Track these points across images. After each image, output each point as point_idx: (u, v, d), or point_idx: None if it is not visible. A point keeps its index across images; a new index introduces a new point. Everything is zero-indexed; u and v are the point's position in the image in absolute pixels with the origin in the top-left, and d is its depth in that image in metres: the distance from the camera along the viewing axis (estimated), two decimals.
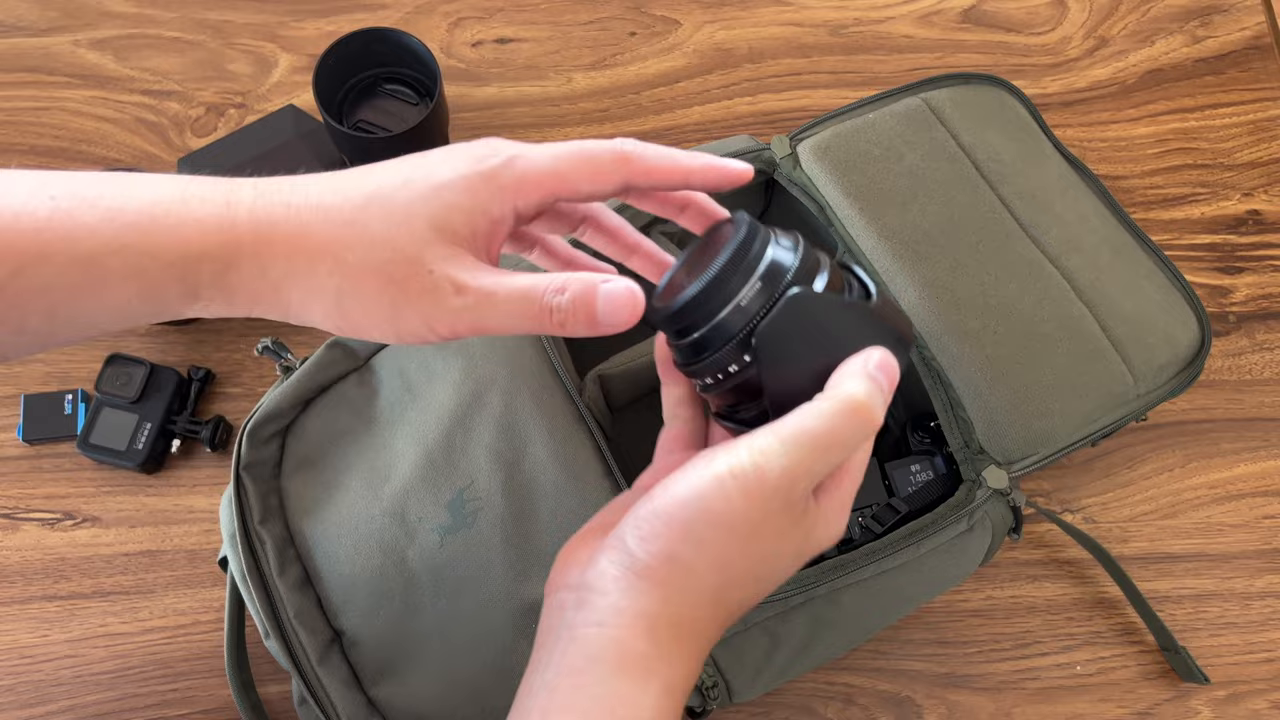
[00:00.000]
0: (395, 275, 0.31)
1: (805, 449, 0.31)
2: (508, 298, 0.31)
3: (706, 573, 0.32)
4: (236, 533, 0.45)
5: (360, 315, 0.31)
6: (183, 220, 0.31)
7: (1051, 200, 0.53)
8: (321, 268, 0.31)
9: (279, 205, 0.32)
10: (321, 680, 0.43)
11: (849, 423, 0.31)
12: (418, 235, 0.31)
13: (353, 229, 0.31)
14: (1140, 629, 0.54)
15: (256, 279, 0.31)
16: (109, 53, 0.64)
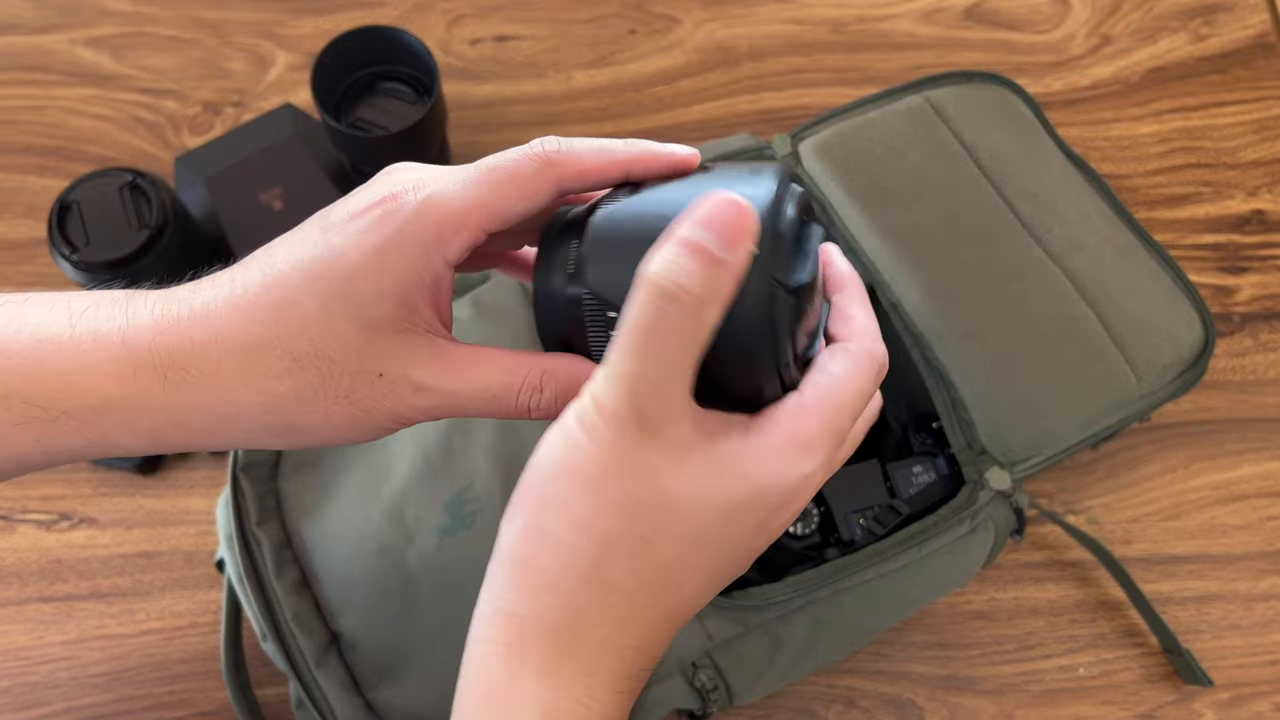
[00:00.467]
0: (341, 389, 0.27)
1: (631, 351, 0.25)
2: (477, 397, 0.28)
3: (572, 538, 0.26)
4: (233, 534, 0.45)
5: (308, 433, 0.28)
6: (74, 365, 0.27)
7: (1054, 199, 0.52)
8: (256, 405, 0.27)
9: (182, 338, 0.27)
10: (319, 682, 0.43)
11: (660, 303, 0.25)
12: (349, 344, 0.27)
13: (272, 353, 0.27)
14: (1143, 631, 0.53)
15: (177, 424, 0.27)
16: (106, 51, 0.64)
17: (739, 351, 0.27)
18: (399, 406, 0.28)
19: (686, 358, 0.26)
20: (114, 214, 0.51)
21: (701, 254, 0.25)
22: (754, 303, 0.27)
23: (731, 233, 0.25)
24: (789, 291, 0.28)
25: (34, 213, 0.60)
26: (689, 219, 0.25)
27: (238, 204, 0.55)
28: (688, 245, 0.25)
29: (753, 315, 0.27)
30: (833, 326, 0.31)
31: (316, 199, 0.56)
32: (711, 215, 0.25)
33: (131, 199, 0.51)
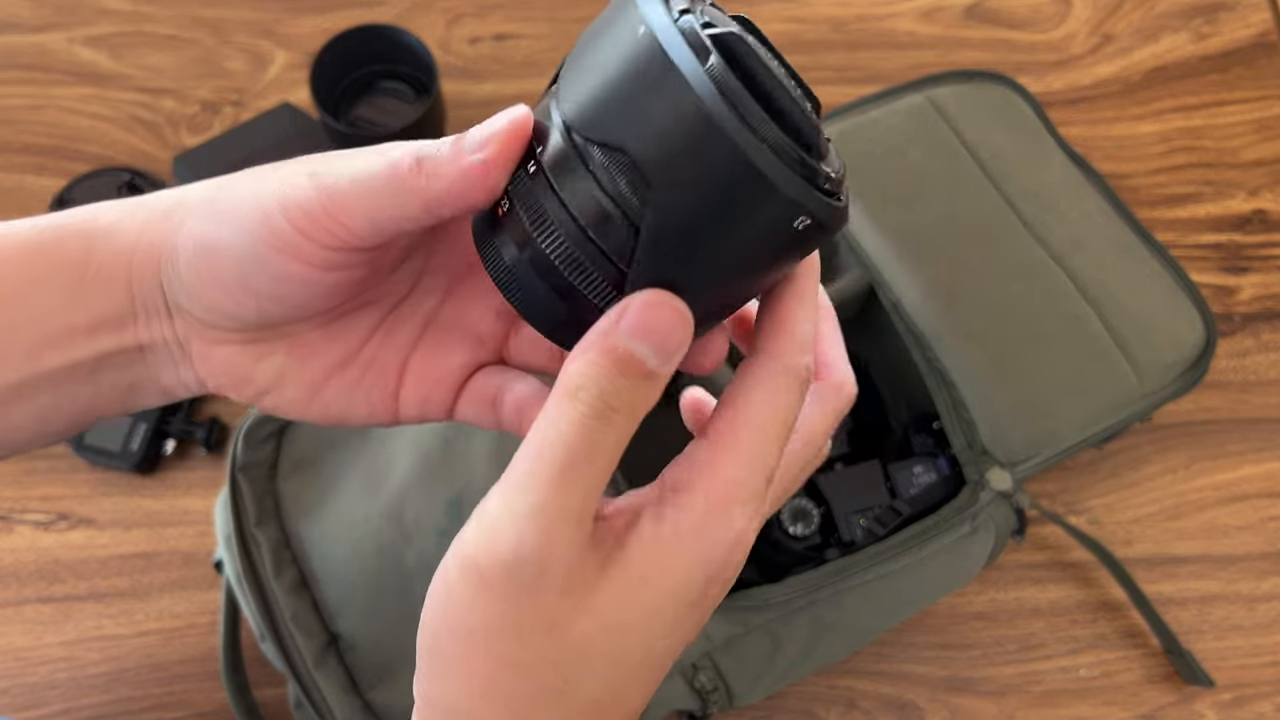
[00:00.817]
0: (266, 171, 0.27)
1: (554, 482, 0.22)
2: (368, 157, 0.25)
3: (474, 706, 0.23)
4: (232, 534, 0.45)
5: (218, 223, 0.26)
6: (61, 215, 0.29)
7: (1056, 199, 0.52)
8: (206, 187, 0.28)
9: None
10: (318, 683, 0.43)
11: (593, 424, 0.22)
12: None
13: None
14: (1144, 632, 0.53)
15: (145, 215, 0.28)
16: (104, 50, 0.64)
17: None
18: (296, 176, 0.26)
19: (609, 473, 0.23)
20: None
21: (637, 370, 0.22)
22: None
23: (670, 347, 0.22)
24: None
25: (31, 212, 0.59)
26: (621, 324, 0.22)
27: None
28: (623, 360, 0.22)
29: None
30: (760, 327, 0.26)
31: None
32: (649, 324, 0.22)
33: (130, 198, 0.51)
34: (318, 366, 0.30)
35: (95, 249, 0.28)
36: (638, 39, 0.22)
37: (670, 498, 0.24)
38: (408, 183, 0.24)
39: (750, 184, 0.21)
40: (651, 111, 0.21)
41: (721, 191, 0.21)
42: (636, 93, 0.22)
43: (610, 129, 0.22)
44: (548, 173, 0.23)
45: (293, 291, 0.27)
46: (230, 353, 0.29)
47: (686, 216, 0.22)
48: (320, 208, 0.25)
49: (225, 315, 0.28)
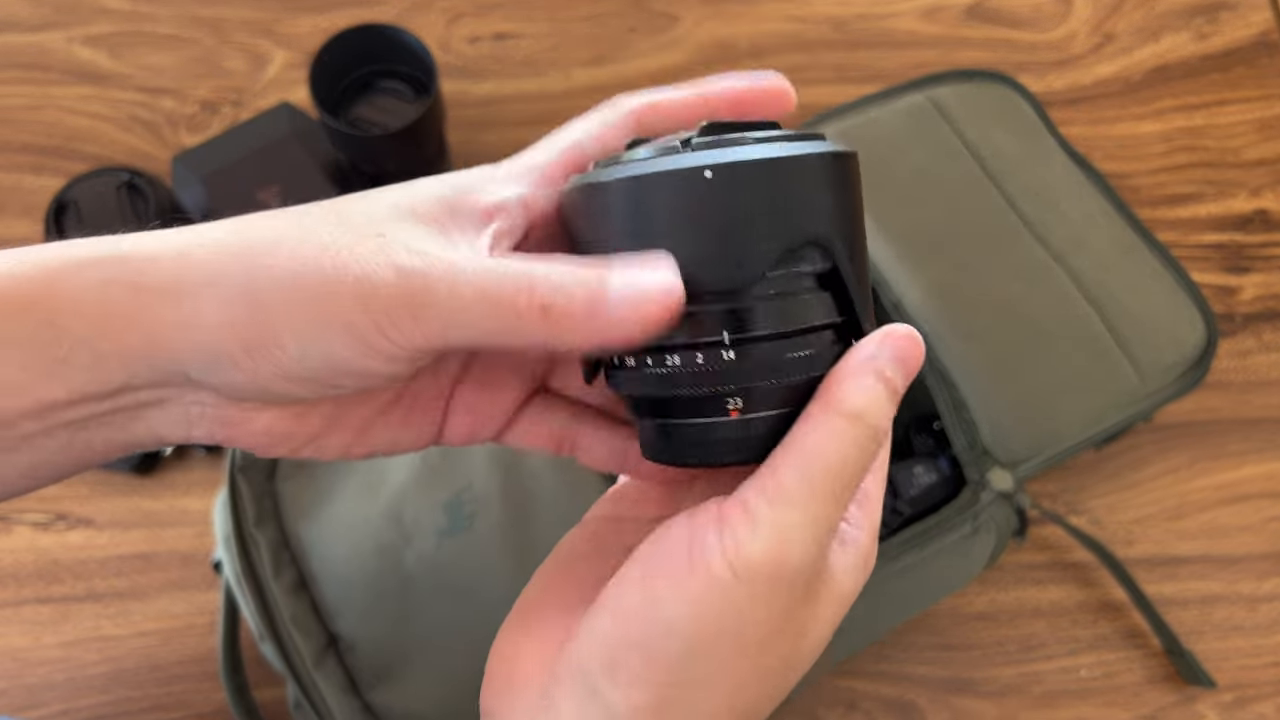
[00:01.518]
0: (328, 239, 0.24)
1: (827, 494, 0.23)
2: (472, 264, 0.23)
3: (715, 711, 0.24)
4: (231, 535, 0.45)
5: (271, 301, 0.23)
6: (40, 252, 0.24)
7: (1057, 199, 0.52)
8: (226, 250, 0.24)
9: (170, 230, 0.25)
10: (318, 684, 0.43)
11: (867, 443, 0.23)
12: (371, 211, 0.24)
13: (272, 213, 0.25)
14: (1145, 632, 0.53)
15: (132, 289, 0.24)
16: (103, 49, 0.64)
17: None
18: (379, 266, 0.23)
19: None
20: (111, 213, 0.51)
21: (895, 394, 0.24)
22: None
23: (913, 373, 0.24)
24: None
25: (31, 212, 0.59)
26: (884, 352, 0.24)
27: (235, 203, 0.55)
28: (889, 384, 0.24)
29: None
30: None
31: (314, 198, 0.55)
32: (904, 352, 0.24)
33: (129, 198, 0.51)
34: (365, 412, 0.28)
35: (63, 325, 0.24)
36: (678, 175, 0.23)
37: (850, 524, 0.26)
38: (525, 322, 0.23)
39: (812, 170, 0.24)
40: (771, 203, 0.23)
41: (842, 192, 0.24)
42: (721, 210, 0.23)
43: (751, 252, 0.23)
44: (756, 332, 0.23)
45: (378, 381, 0.25)
46: (270, 419, 0.27)
47: (844, 235, 0.24)
48: (410, 313, 0.23)
49: (277, 397, 0.25)
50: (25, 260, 0.24)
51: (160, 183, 0.52)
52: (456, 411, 0.29)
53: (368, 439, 0.29)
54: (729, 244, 0.23)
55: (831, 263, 0.24)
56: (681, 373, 0.23)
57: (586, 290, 0.23)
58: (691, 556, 0.23)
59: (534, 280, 0.23)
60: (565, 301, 0.22)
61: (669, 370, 0.23)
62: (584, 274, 0.23)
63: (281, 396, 0.25)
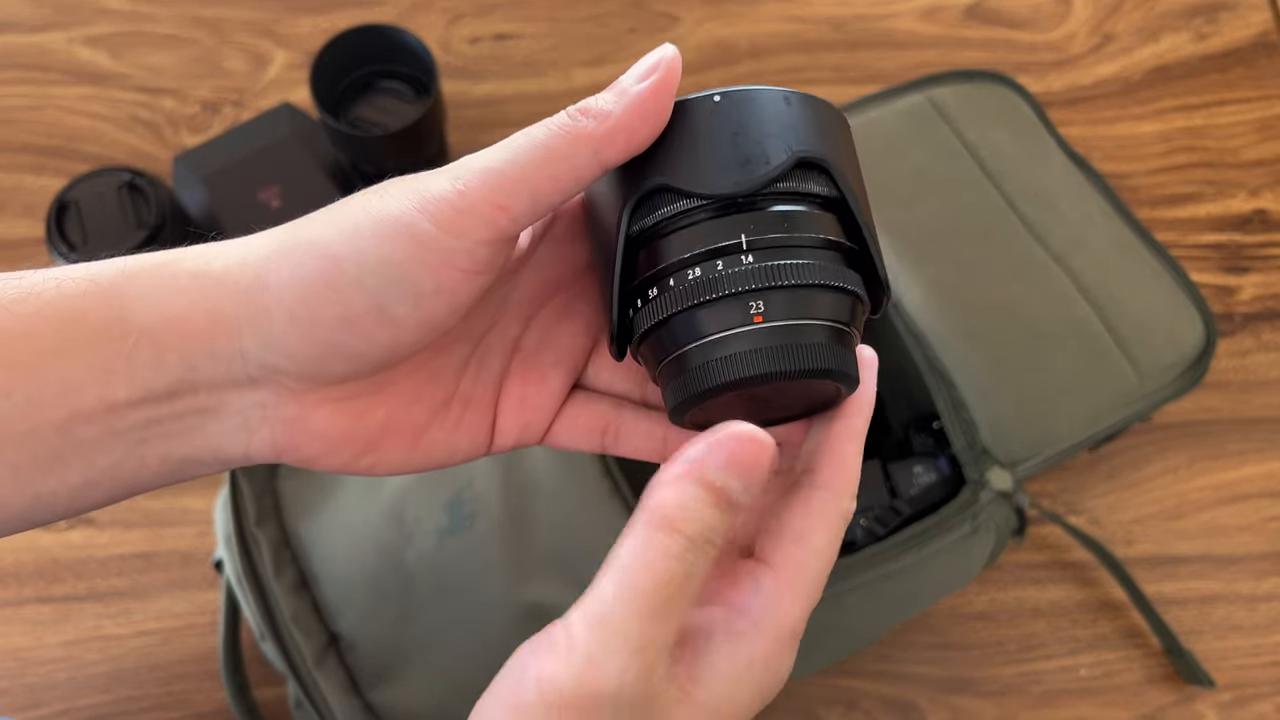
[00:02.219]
0: (370, 193, 0.25)
1: (644, 618, 0.22)
2: (507, 141, 0.24)
3: None
4: (232, 534, 0.45)
5: (325, 240, 0.24)
6: (114, 260, 0.26)
7: (1056, 199, 0.52)
8: (280, 231, 0.25)
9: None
10: (318, 683, 0.43)
11: (690, 557, 0.22)
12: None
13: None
14: (1145, 632, 0.53)
15: (196, 277, 0.25)
16: (103, 50, 0.64)
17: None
18: (426, 181, 0.24)
19: (692, 607, 0.23)
20: (112, 213, 0.51)
21: (728, 503, 0.23)
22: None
23: (758, 479, 0.23)
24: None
25: (32, 212, 0.60)
26: (713, 457, 0.23)
27: (236, 203, 0.55)
28: (717, 493, 0.23)
29: None
30: (819, 462, 0.26)
31: (315, 198, 0.56)
32: (742, 459, 0.23)
33: (129, 198, 0.51)
34: (421, 411, 0.28)
35: (130, 319, 0.25)
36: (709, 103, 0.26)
37: (740, 628, 0.24)
38: (575, 132, 0.24)
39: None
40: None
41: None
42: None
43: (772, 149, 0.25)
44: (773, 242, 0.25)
45: (436, 309, 0.25)
46: (328, 414, 0.27)
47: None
48: (477, 197, 0.24)
49: (343, 361, 0.25)
50: (109, 263, 0.26)
51: (161, 183, 0.52)
52: (506, 409, 0.30)
53: (424, 444, 0.29)
54: (737, 150, 0.24)
55: (837, 190, 0.25)
56: (704, 280, 0.24)
57: (609, 89, 0.24)
58: (519, 682, 0.22)
59: (567, 109, 0.24)
60: (595, 99, 0.24)
61: (692, 282, 0.24)
62: (604, 90, 0.25)
63: (345, 355, 0.25)
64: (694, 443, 0.23)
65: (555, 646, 0.22)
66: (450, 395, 0.29)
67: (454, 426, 0.29)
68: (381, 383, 0.27)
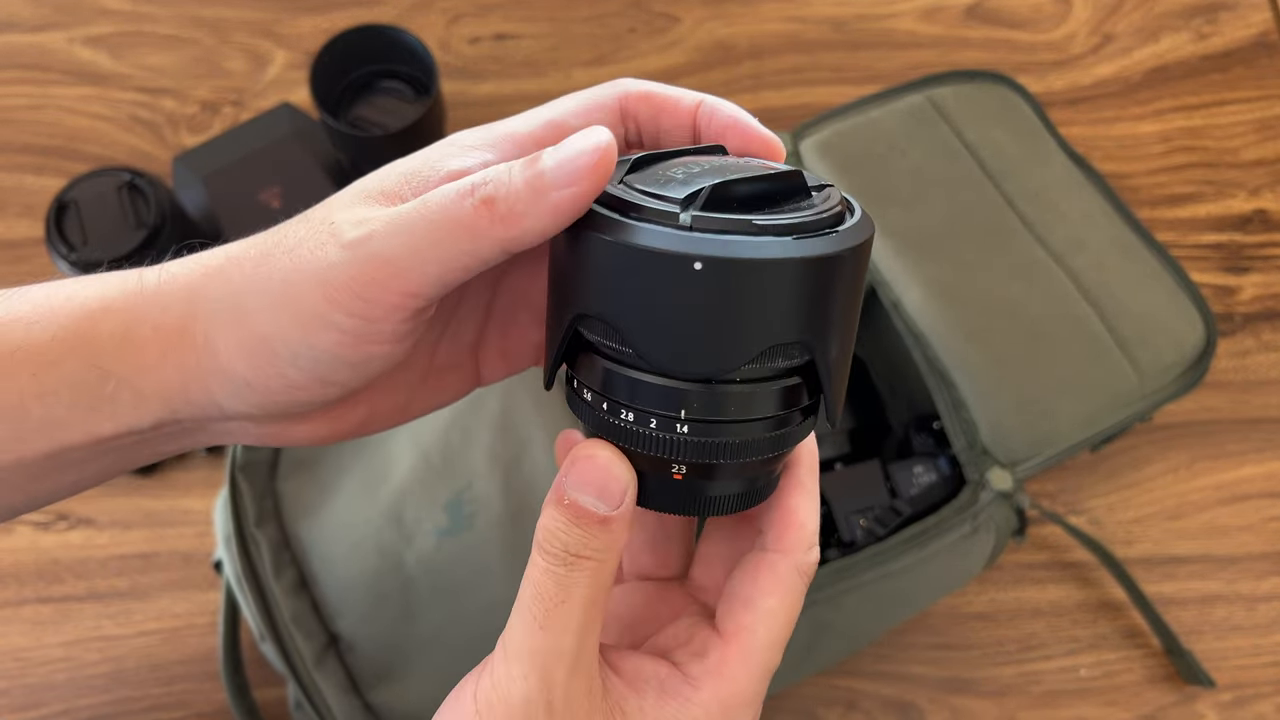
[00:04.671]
0: (291, 242, 0.24)
1: (539, 625, 0.23)
2: (410, 205, 0.23)
3: None
4: (231, 535, 0.45)
5: (256, 316, 0.24)
6: (75, 291, 0.26)
7: (1056, 199, 0.52)
8: (220, 277, 0.25)
9: (180, 262, 0.26)
10: (318, 684, 0.43)
11: (560, 571, 0.24)
12: (335, 201, 0.25)
13: (266, 231, 0.26)
14: (1145, 632, 0.53)
15: (158, 330, 0.25)
16: (103, 50, 0.64)
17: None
18: (329, 252, 0.23)
19: (596, 615, 0.24)
20: (112, 213, 0.50)
21: (590, 518, 0.24)
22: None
23: (613, 490, 0.24)
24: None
25: (31, 212, 0.60)
26: (568, 479, 0.24)
27: (236, 203, 0.55)
28: (576, 511, 0.24)
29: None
30: (766, 522, 0.26)
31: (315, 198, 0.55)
32: (586, 477, 0.24)
33: (129, 198, 0.51)
34: (401, 395, 0.29)
35: (105, 366, 0.25)
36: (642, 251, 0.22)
37: (677, 689, 0.25)
38: (479, 228, 0.22)
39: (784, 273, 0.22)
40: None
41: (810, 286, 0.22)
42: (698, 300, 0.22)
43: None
44: (722, 411, 0.23)
45: (375, 366, 0.25)
46: (309, 428, 0.28)
47: (835, 308, 0.23)
48: (366, 280, 0.23)
49: (304, 406, 0.26)
50: (71, 300, 0.26)
51: (161, 183, 0.52)
52: (488, 361, 0.30)
53: (410, 412, 0.30)
54: (707, 339, 0.22)
55: (810, 357, 0.23)
56: (633, 431, 0.23)
57: (523, 168, 0.22)
58: (459, 701, 0.24)
59: (472, 181, 0.22)
60: (506, 187, 0.22)
61: (622, 424, 0.24)
62: (517, 161, 0.22)
63: (304, 405, 0.26)
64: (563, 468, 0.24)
65: (484, 665, 0.24)
66: (427, 371, 0.29)
67: (437, 390, 0.30)
68: (354, 395, 0.27)
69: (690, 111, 0.27)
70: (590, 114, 0.27)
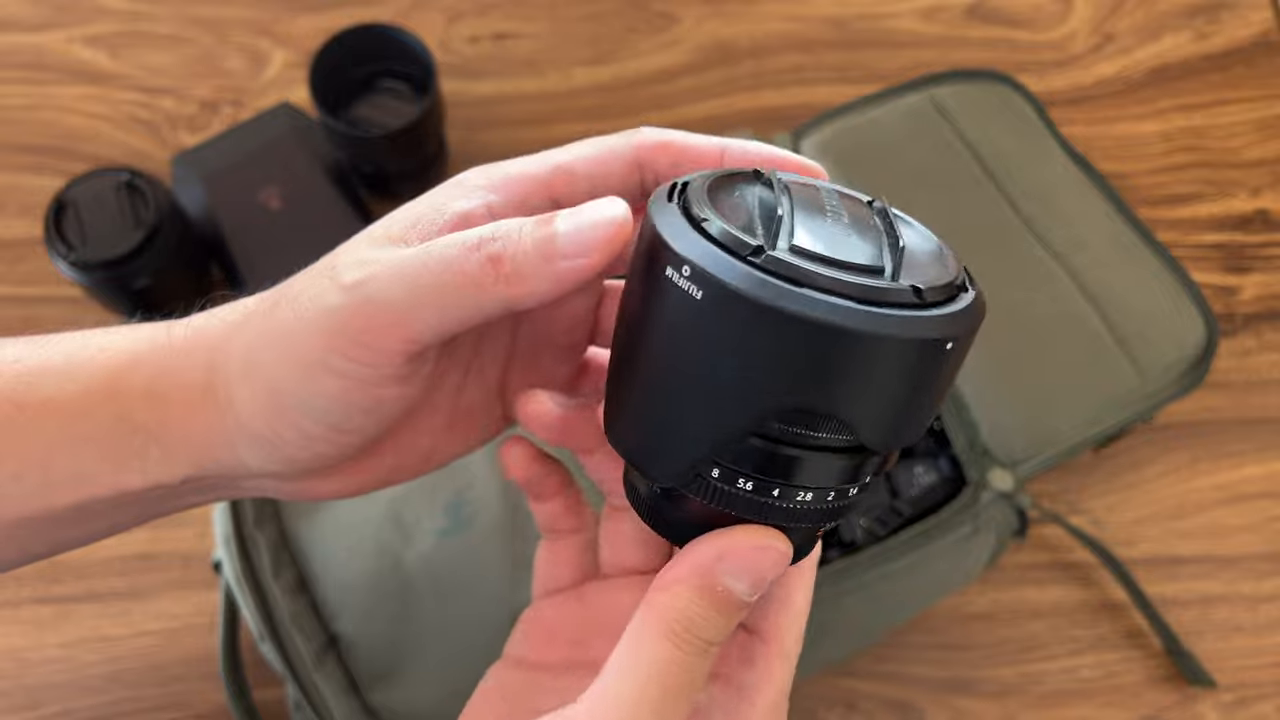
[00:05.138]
0: (294, 292, 0.24)
1: (656, 714, 0.22)
2: (413, 250, 0.22)
3: None
4: (231, 535, 0.45)
5: (266, 369, 0.24)
6: (106, 343, 0.26)
7: (1057, 198, 0.52)
8: (238, 334, 0.25)
9: (204, 316, 0.27)
10: (318, 684, 0.43)
11: (694, 660, 0.22)
12: (342, 249, 0.24)
13: (281, 284, 0.26)
14: (1146, 632, 0.53)
15: (183, 386, 0.25)
16: (102, 49, 0.64)
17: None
18: (329, 297, 0.23)
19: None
20: (110, 213, 0.50)
21: (734, 605, 0.22)
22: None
23: (768, 581, 0.22)
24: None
25: (30, 212, 0.59)
26: (725, 564, 0.22)
27: (235, 203, 0.55)
28: (721, 598, 0.22)
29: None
30: (763, 610, 0.25)
31: (314, 198, 0.55)
32: (755, 565, 0.22)
33: (128, 198, 0.51)
34: (425, 441, 0.29)
35: (134, 419, 0.25)
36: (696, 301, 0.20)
37: (737, 707, 0.24)
38: (483, 284, 0.21)
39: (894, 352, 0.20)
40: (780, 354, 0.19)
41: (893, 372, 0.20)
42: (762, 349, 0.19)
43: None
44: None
45: (388, 411, 0.25)
46: (335, 482, 0.27)
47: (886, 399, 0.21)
48: (365, 324, 0.22)
49: (326, 458, 0.26)
50: (103, 352, 0.26)
51: (160, 183, 0.52)
52: (512, 400, 0.30)
53: (435, 460, 0.29)
54: (739, 385, 0.20)
55: (856, 439, 0.21)
56: (796, 508, 0.22)
57: (534, 229, 0.21)
58: None
59: (480, 235, 0.22)
60: (515, 246, 0.21)
61: (791, 505, 0.22)
62: (529, 220, 0.22)
63: (325, 457, 0.26)
64: (701, 544, 0.22)
65: None
66: (452, 415, 0.29)
67: (464, 434, 0.29)
68: (376, 444, 0.27)
69: (715, 158, 0.25)
70: (603, 162, 0.25)
